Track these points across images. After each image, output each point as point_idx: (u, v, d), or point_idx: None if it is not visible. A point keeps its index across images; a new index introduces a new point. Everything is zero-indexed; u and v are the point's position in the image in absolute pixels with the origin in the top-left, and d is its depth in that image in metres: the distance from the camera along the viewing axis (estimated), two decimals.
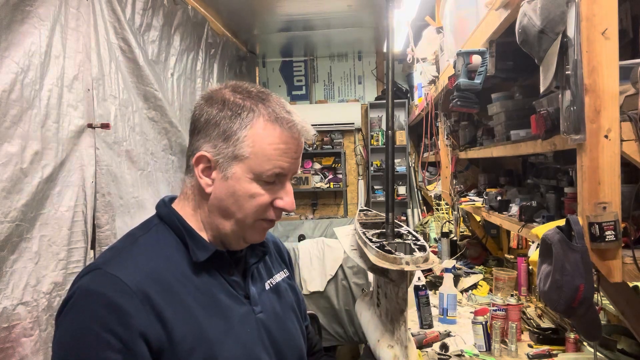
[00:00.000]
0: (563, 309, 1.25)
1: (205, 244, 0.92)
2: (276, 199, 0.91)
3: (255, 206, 0.89)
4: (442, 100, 2.96)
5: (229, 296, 0.92)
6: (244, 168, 0.88)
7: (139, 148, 2.60)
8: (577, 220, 1.23)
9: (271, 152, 0.88)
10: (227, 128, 0.88)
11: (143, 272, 0.84)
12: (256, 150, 0.87)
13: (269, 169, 0.88)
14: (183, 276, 0.88)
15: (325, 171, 5.93)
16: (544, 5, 1.27)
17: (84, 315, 0.80)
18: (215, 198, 0.90)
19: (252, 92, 0.91)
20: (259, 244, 1.02)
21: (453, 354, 1.94)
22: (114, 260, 0.86)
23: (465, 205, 2.69)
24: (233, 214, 0.90)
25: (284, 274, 1.11)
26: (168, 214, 0.94)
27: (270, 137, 0.88)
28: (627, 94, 1.22)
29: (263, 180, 0.89)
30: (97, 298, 0.80)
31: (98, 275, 0.84)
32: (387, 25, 1.30)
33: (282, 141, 0.88)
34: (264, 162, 0.88)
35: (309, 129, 0.93)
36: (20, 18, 1.83)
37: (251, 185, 0.88)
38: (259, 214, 0.91)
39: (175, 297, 0.85)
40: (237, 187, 0.88)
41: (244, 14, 4.13)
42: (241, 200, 0.89)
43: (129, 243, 0.90)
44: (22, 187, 1.80)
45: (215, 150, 0.89)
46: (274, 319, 0.99)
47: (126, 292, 0.81)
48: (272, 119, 0.88)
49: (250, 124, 0.88)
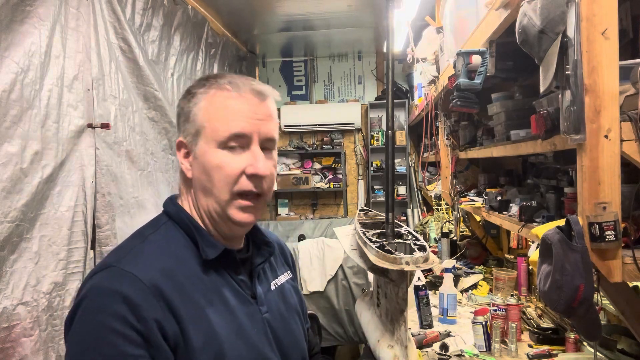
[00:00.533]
0: (563, 309, 1.25)
1: (214, 242, 0.92)
2: (247, 166, 0.90)
3: (225, 176, 0.89)
4: (442, 100, 2.96)
5: (237, 295, 0.93)
6: (205, 139, 0.90)
7: (139, 148, 2.60)
8: (577, 220, 1.23)
9: (222, 114, 0.89)
10: (187, 110, 0.93)
11: (156, 270, 0.85)
12: (210, 117, 0.90)
13: (225, 129, 0.89)
14: (193, 274, 0.89)
15: (325, 171, 5.93)
16: (544, 5, 1.27)
17: (101, 313, 0.79)
18: (195, 179, 0.92)
19: (210, 75, 0.95)
20: (265, 244, 1.03)
21: (453, 354, 1.94)
22: (126, 258, 0.86)
23: (465, 205, 2.69)
24: (210, 191, 0.91)
25: (288, 275, 1.11)
26: (177, 212, 0.95)
27: (222, 101, 0.90)
28: (627, 94, 1.22)
29: (227, 147, 0.89)
30: (113, 295, 0.80)
31: (112, 273, 0.84)
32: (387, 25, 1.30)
33: (235, 102, 0.90)
34: (218, 126, 0.89)
35: (264, 88, 0.94)
36: (20, 18, 1.83)
37: (217, 154, 0.89)
38: (231, 185, 0.89)
39: (187, 295, 0.85)
40: (205, 160, 0.90)
41: (244, 14, 4.13)
42: (211, 173, 0.89)
43: (139, 242, 0.90)
44: (22, 187, 1.80)
45: (184, 134, 0.93)
46: (279, 319, 1.00)
47: (141, 288, 0.81)
48: (222, 87, 0.91)
49: (202, 98, 0.91)
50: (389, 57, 1.26)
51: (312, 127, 5.79)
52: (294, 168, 5.87)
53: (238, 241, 0.99)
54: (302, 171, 5.83)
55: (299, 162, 5.94)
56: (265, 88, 0.94)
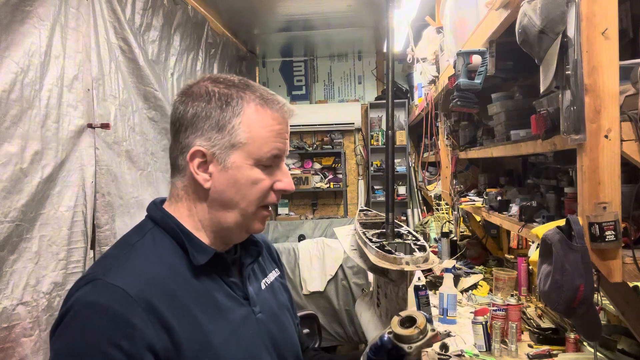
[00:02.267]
0: (563, 309, 1.25)
1: (204, 246, 0.90)
2: (275, 181, 0.91)
3: (258, 192, 0.89)
4: (442, 100, 2.96)
5: (229, 298, 0.92)
6: (243, 155, 0.88)
7: (139, 148, 2.60)
8: (577, 220, 1.23)
9: (267, 134, 0.89)
10: (219, 118, 0.87)
11: (144, 280, 0.82)
12: (253, 135, 0.88)
13: (268, 151, 0.88)
14: (184, 281, 0.87)
15: (325, 171, 5.93)
16: (544, 5, 1.27)
17: (85, 329, 0.76)
18: (215, 192, 0.89)
19: (234, 81, 0.92)
20: (252, 244, 1.02)
21: (453, 354, 1.94)
22: (112, 270, 0.83)
23: (465, 205, 2.69)
24: (237, 204, 0.89)
25: (276, 272, 1.11)
26: (163, 218, 0.92)
27: (264, 120, 0.89)
28: (627, 94, 1.22)
29: (262, 165, 0.89)
30: (99, 310, 0.77)
31: (98, 286, 0.80)
32: (387, 25, 1.30)
33: (275, 122, 0.90)
34: (262, 146, 0.88)
35: (293, 107, 0.95)
36: (20, 18, 1.83)
37: (252, 171, 0.88)
38: (262, 200, 0.91)
39: (178, 304, 0.83)
40: (239, 175, 0.88)
41: (244, 14, 4.13)
42: (244, 188, 0.88)
43: (126, 250, 0.87)
44: (22, 187, 1.80)
45: (210, 142, 0.88)
46: (272, 318, 0.99)
47: (129, 302, 0.78)
48: (262, 103, 0.89)
49: (242, 111, 0.88)
50: (389, 57, 1.26)
51: (312, 127, 5.79)
52: (294, 168, 5.88)
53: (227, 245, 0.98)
54: (302, 171, 5.83)
55: (299, 162, 5.94)
56: (290, 106, 0.95)
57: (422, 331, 0.91)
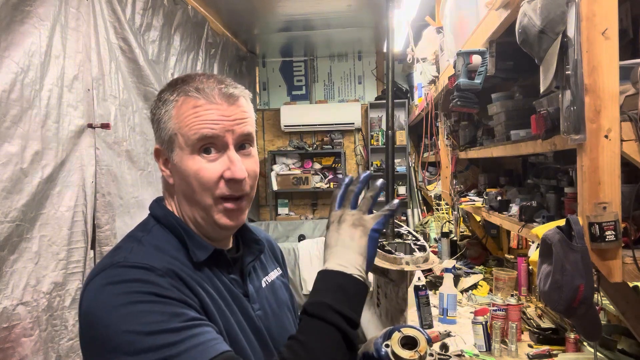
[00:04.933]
0: (563, 309, 1.25)
1: (204, 243, 0.92)
2: (224, 171, 0.89)
3: (203, 182, 0.88)
4: (442, 100, 2.96)
5: (229, 294, 0.93)
6: (179, 145, 0.89)
7: (139, 148, 2.61)
8: (577, 220, 1.23)
9: (191, 119, 0.88)
10: (159, 117, 0.92)
11: (161, 262, 0.84)
12: (180, 123, 0.89)
13: (193, 133, 0.88)
14: (189, 274, 0.88)
15: (325, 171, 5.93)
16: (544, 5, 1.27)
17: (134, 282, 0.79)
18: (176, 187, 0.92)
19: (178, 79, 0.94)
20: (254, 242, 1.03)
21: (453, 354, 1.94)
22: (129, 257, 0.84)
23: (465, 205, 2.69)
24: (192, 197, 0.90)
25: (278, 271, 1.12)
26: (165, 215, 0.94)
27: (188, 107, 0.89)
28: (627, 94, 1.22)
29: (202, 152, 0.88)
30: (137, 268, 0.81)
31: (120, 267, 0.82)
32: (387, 25, 1.30)
33: (201, 109, 0.88)
34: (188, 131, 0.88)
35: (234, 90, 0.91)
36: (20, 18, 1.83)
37: (192, 160, 0.88)
38: (211, 190, 0.89)
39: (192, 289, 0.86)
40: (183, 167, 0.89)
41: (244, 14, 4.13)
42: (189, 179, 0.89)
43: (135, 243, 0.89)
44: (22, 187, 1.80)
45: (159, 140, 0.93)
46: (271, 316, 1.00)
47: (158, 272, 0.81)
48: (189, 93, 0.90)
49: (172, 104, 0.90)
50: (389, 57, 1.26)
51: (312, 127, 5.79)
52: (294, 168, 5.87)
53: (226, 241, 0.99)
54: (302, 171, 5.83)
55: (299, 162, 5.93)
56: (234, 90, 0.91)
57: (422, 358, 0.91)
